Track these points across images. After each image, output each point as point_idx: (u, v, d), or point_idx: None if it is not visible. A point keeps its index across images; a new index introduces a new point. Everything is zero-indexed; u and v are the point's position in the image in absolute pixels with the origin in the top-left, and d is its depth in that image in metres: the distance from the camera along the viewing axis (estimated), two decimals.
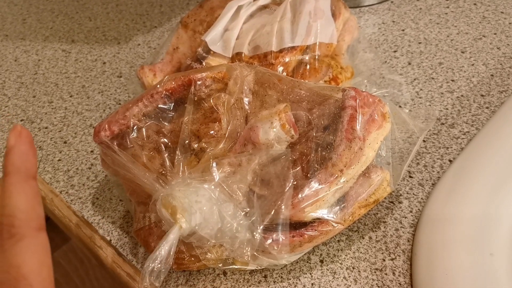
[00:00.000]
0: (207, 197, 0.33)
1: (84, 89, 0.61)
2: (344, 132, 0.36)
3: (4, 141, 0.55)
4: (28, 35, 0.73)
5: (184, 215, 0.32)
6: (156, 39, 0.69)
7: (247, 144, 0.37)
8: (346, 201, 0.37)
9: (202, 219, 0.32)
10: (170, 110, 0.40)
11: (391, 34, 0.63)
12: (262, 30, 0.50)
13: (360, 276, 0.38)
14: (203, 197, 0.33)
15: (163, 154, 0.39)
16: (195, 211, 0.32)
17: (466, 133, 0.49)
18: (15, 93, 0.62)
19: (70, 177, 0.49)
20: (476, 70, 0.56)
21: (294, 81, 0.40)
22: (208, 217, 0.33)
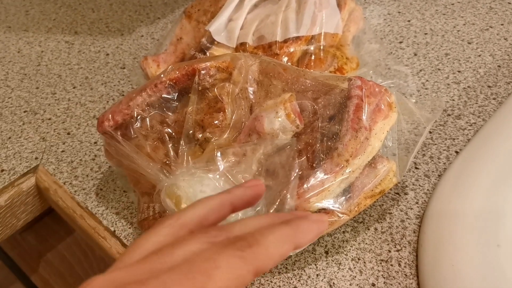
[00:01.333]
0: (211, 186, 0.33)
1: (87, 80, 0.61)
2: (350, 121, 0.36)
3: (8, 132, 0.54)
4: (31, 27, 0.72)
5: (188, 204, 0.32)
6: (159, 30, 0.68)
7: (252, 134, 0.37)
8: (351, 192, 0.37)
9: None
10: (174, 100, 0.40)
11: (397, 25, 0.63)
12: (266, 20, 0.50)
13: (365, 267, 0.38)
14: (208, 187, 0.33)
15: (167, 144, 0.38)
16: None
17: (473, 124, 0.48)
18: (18, 84, 0.61)
19: (73, 168, 0.49)
20: (483, 61, 0.55)
21: (299, 70, 0.39)
22: None
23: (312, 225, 0.26)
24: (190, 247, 0.23)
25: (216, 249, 0.23)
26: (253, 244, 0.23)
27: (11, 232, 0.50)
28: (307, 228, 0.26)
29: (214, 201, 0.27)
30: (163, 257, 0.23)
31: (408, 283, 0.37)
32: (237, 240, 0.23)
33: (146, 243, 0.24)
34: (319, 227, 0.27)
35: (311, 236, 0.26)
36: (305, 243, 0.26)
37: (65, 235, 0.62)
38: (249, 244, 0.23)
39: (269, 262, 0.23)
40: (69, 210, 0.45)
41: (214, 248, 0.23)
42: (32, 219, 0.51)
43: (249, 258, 0.22)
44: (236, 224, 0.25)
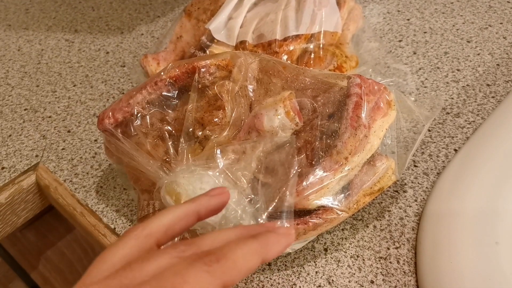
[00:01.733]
0: (211, 184, 0.33)
1: (87, 78, 0.61)
2: (349, 119, 0.36)
3: (8, 130, 0.55)
4: (31, 25, 0.72)
5: None
6: (159, 28, 0.69)
7: (252, 131, 0.37)
8: (351, 189, 0.37)
9: None
10: (174, 97, 0.40)
11: (396, 23, 0.63)
12: (266, 19, 0.50)
13: (364, 265, 0.38)
14: (208, 184, 0.33)
15: (167, 142, 0.39)
16: None
17: (472, 123, 0.48)
18: (19, 82, 0.62)
19: (74, 166, 0.49)
20: (482, 59, 0.55)
21: (299, 68, 0.40)
22: None
23: (280, 238, 0.27)
24: (159, 262, 0.23)
25: (184, 264, 0.23)
26: (221, 258, 0.23)
27: (11, 230, 0.50)
28: (275, 242, 0.26)
29: (179, 211, 0.27)
30: (132, 272, 0.23)
31: (406, 280, 0.37)
32: (205, 255, 0.24)
33: (113, 257, 0.24)
34: (287, 240, 0.27)
35: (279, 249, 0.26)
36: (273, 256, 0.26)
37: (65, 233, 0.62)
38: (217, 258, 0.23)
39: (237, 276, 0.24)
40: (69, 207, 0.46)
41: (182, 263, 0.23)
42: (32, 216, 0.51)
43: (217, 273, 0.23)
44: (205, 237, 0.26)
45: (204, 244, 0.25)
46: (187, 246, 0.25)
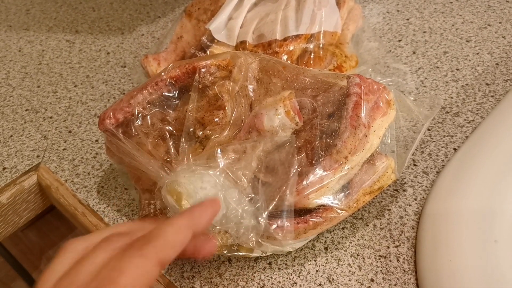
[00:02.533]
0: (212, 183, 0.33)
1: (88, 79, 0.61)
2: (349, 119, 0.36)
3: (10, 131, 0.55)
4: (32, 26, 0.73)
5: (189, 201, 0.32)
6: (159, 29, 0.69)
7: (252, 131, 0.37)
8: (350, 188, 0.37)
9: None
10: (175, 97, 0.40)
11: (396, 23, 0.63)
12: (266, 19, 0.50)
13: (364, 263, 0.38)
14: (208, 183, 0.33)
15: (168, 141, 0.39)
16: (200, 197, 0.32)
17: (471, 122, 0.48)
18: (20, 83, 0.62)
19: (75, 166, 0.50)
20: (481, 59, 0.56)
21: (299, 68, 0.40)
22: None
23: (205, 208, 0.28)
24: (94, 260, 0.24)
25: (118, 256, 0.24)
26: (152, 239, 0.24)
27: (13, 230, 0.50)
28: (201, 212, 0.28)
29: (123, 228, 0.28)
30: (70, 277, 0.24)
31: (406, 279, 0.37)
32: (136, 240, 0.25)
33: (57, 266, 0.25)
34: (212, 208, 0.29)
35: (207, 219, 0.28)
36: (203, 226, 0.28)
37: (66, 232, 0.63)
38: (148, 240, 0.24)
39: (171, 251, 0.25)
40: (70, 207, 0.46)
41: (117, 255, 0.24)
42: (33, 216, 0.51)
43: (150, 253, 0.24)
44: (141, 227, 0.27)
45: (139, 232, 0.26)
46: (119, 237, 0.26)
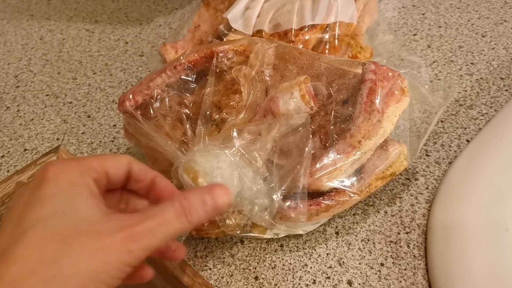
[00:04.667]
0: (228, 162, 0.34)
1: (107, 67, 0.63)
2: (363, 104, 0.37)
3: (31, 114, 0.56)
4: (52, 15, 0.74)
5: (206, 179, 0.33)
6: (177, 20, 0.70)
7: (267, 114, 0.38)
8: (363, 173, 0.38)
9: (223, 182, 0.33)
10: (192, 81, 0.41)
11: (411, 17, 0.63)
12: (283, 9, 0.51)
13: (374, 248, 0.39)
14: (224, 163, 0.34)
15: (185, 124, 0.40)
16: (216, 175, 0.33)
17: (485, 115, 0.49)
18: (41, 69, 0.63)
19: (93, 149, 0.51)
20: (496, 53, 0.56)
21: (315, 54, 0.41)
22: (228, 181, 0.34)
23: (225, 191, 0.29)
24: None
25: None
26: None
27: None
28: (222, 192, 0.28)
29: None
30: None
31: (416, 264, 0.38)
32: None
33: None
34: (228, 196, 0.29)
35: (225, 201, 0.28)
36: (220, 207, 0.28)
37: None
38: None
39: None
40: None
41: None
42: None
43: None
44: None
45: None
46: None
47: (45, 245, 0.23)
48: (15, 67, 0.64)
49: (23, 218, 0.24)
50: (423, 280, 0.36)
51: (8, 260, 0.22)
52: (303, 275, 0.38)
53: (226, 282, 0.38)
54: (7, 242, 0.23)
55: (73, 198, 0.25)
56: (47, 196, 0.24)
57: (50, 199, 0.24)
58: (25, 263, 0.22)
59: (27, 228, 0.23)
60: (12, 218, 0.24)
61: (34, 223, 0.23)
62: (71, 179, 0.25)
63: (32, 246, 0.22)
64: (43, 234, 0.23)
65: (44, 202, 0.24)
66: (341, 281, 0.37)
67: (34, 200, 0.24)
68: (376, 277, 0.37)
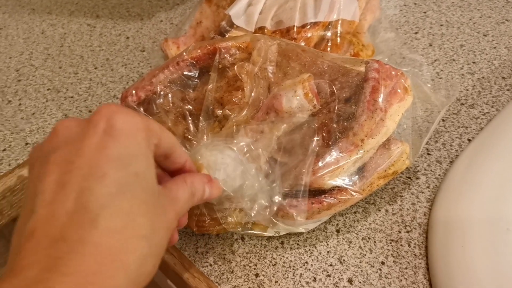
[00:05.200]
0: (232, 157, 0.34)
1: (108, 61, 0.62)
2: (366, 103, 0.37)
3: (32, 108, 0.56)
4: (54, 10, 0.74)
5: (210, 172, 0.33)
6: (178, 16, 0.70)
7: (270, 112, 0.38)
8: (365, 171, 0.38)
9: (225, 176, 0.34)
10: (195, 77, 0.41)
11: (413, 16, 0.63)
12: (285, 6, 0.51)
13: (375, 246, 0.39)
14: (229, 157, 0.34)
15: (187, 120, 0.40)
16: (220, 168, 0.34)
17: (486, 114, 0.49)
18: (42, 63, 0.63)
19: None
20: (498, 53, 0.56)
21: (318, 52, 0.41)
22: (231, 176, 0.34)
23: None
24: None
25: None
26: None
27: None
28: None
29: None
30: None
31: (417, 263, 0.38)
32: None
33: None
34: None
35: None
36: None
37: None
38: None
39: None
40: None
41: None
42: None
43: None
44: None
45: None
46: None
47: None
48: (17, 61, 0.64)
49: (105, 174, 0.21)
50: (423, 279, 0.37)
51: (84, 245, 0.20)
52: (303, 272, 0.38)
53: (227, 278, 0.38)
54: (74, 223, 0.20)
55: (148, 161, 0.23)
56: (123, 152, 0.22)
57: (130, 157, 0.22)
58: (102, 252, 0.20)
59: (115, 192, 0.21)
60: (79, 168, 0.21)
61: (124, 186, 0.21)
62: (144, 138, 0.23)
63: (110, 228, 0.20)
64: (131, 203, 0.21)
65: (121, 160, 0.21)
66: (342, 279, 0.37)
67: (112, 153, 0.21)
68: (376, 276, 0.37)
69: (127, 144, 0.22)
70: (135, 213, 0.21)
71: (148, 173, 0.23)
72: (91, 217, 0.20)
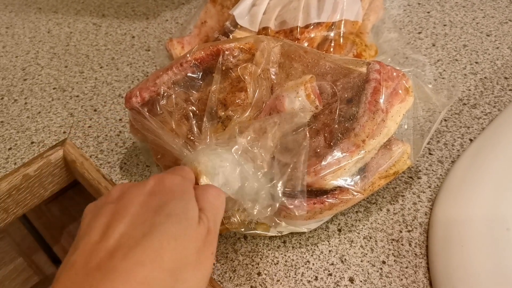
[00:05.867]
0: (230, 160, 0.35)
1: (113, 61, 0.63)
2: (367, 103, 0.37)
3: (38, 107, 0.57)
4: (60, 9, 0.75)
5: (208, 177, 0.34)
6: (183, 15, 0.70)
7: (273, 113, 0.38)
8: (367, 171, 0.38)
9: (225, 179, 0.34)
10: (199, 79, 0.42)
11: (416, 16, 0.63)
12: (289, 6, 0.51)
13: (376, 246, 0.40)
14: (227, 160, 0.35)
15: (191, 121, 0.40)
16: (218, 172, 0.34)
17: (488, 114, 0.49)
18: (48, 63, 0.64)
19: (99, 143, 0.51)
20: (500, 53, 0.56)
21: (320, 53, 0.41)
22: (230, 178, 0.34)
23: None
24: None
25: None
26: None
27: (38, 202, 0.52)
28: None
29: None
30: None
31: (417, 262, 0.38)
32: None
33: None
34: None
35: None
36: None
37: None
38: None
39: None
40: (94, 181, 0.48)
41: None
42: (58, 190, 0.53)
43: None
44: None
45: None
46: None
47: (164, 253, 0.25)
48: (23, 60, 0.65)
49: (144, 220, 0.26)
50: (424, 279, 0.37)
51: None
52: (305, 271, 0.38)
53: (229, 277, 0.39)
54: (126, 241, 0.25)
55: (185, 204, 0.28)
56: (162, 203, 0.27)
57: (166, 205, 0.27)
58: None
59: (147, 232, 0.25)
60: (129, 216, 0.26)
61: (156, 226, 0.26)
62: (184, 188, 0.29)
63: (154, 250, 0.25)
64: (161, 239, 0.25)
65: (160, 209, 0.27)
66: (343, 278, 0.38)
67: (153, 205, 0.27)
68: (377, 275, 0.37)
69: (166, 199, 0.28)
70: (165, 249, 0.25)
71: (182, 212, 0.27)
72: (124, 252, 0.24)
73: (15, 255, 0.66)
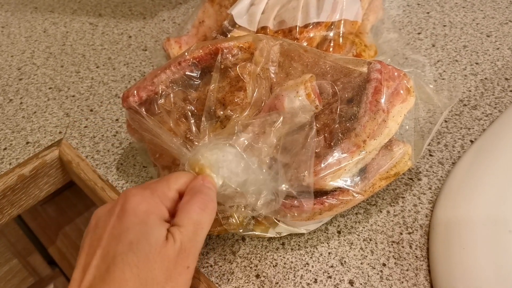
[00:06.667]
0: (233, 153, 0.34)
1: (110, 60, 0.62)
2: (368, 103, 0.37)
3: (33, 107, 0.56)
4: (56, 8, 0.74)
5: (212, 170, 0.33)
6: (181, 15, 0.70)
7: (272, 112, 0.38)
8: (367, 172, 0.38)
9: (229, 172, 0.34)
10: (197, 78, 0.41)
11: (416, 16, 0.63)
12: (288, 5, 0.50)
13: (377, 248, 0.39)
14: (230, 154, 0.34)
15: (189, 120, 0.40)
16: (222, 166, 0.34)
17: (489, 115, 0.49)
18: (44, 62, 0.63)
19: (95, 143, 0.51)
20: (501, 54, 0.56)
21: (320, 52, 0.40)
22: (234, 172, 0.34)
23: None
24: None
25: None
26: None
27: (33, 202, 0.52)
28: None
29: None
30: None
31: (418, 265, 0.38)
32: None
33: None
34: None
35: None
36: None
37: (83, 209, 0.64)
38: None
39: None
40: (90, 182, 0.47)
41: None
42: (54, 190, 0.53)
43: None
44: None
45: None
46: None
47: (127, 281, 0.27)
48: (19, 60, 0.64)
49: (108, 251, 0.29)
50: (425, 281, 0.36)
51: None
52: (304, 274, 0.38)
53: (227, 279, 0.38)
54: (97, 276, 0.28)
55: (147, 228, 0.29)
56: (125, 229, 0.29)
57: (128, 231, 0.29)
58: None
59: (110, 264, 0.28)
60: (100, 248, 0.29)
61: (117, 257, 0.28)
62: (148, 209, 0.30)
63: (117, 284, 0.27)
64: (123, 269, 0.27)
65: (123, 236, 0.29)
66: (343, 280, 0.37)
67: (117, 232, 0.29)
68: (378, 277, 0.37)
69: (129, 218, 0.30)
70: (128, 278, 0.28)
71: (144, 237, 0.29)
72: (107, 267, 0.28)
73: (10, 256, 0.66)
